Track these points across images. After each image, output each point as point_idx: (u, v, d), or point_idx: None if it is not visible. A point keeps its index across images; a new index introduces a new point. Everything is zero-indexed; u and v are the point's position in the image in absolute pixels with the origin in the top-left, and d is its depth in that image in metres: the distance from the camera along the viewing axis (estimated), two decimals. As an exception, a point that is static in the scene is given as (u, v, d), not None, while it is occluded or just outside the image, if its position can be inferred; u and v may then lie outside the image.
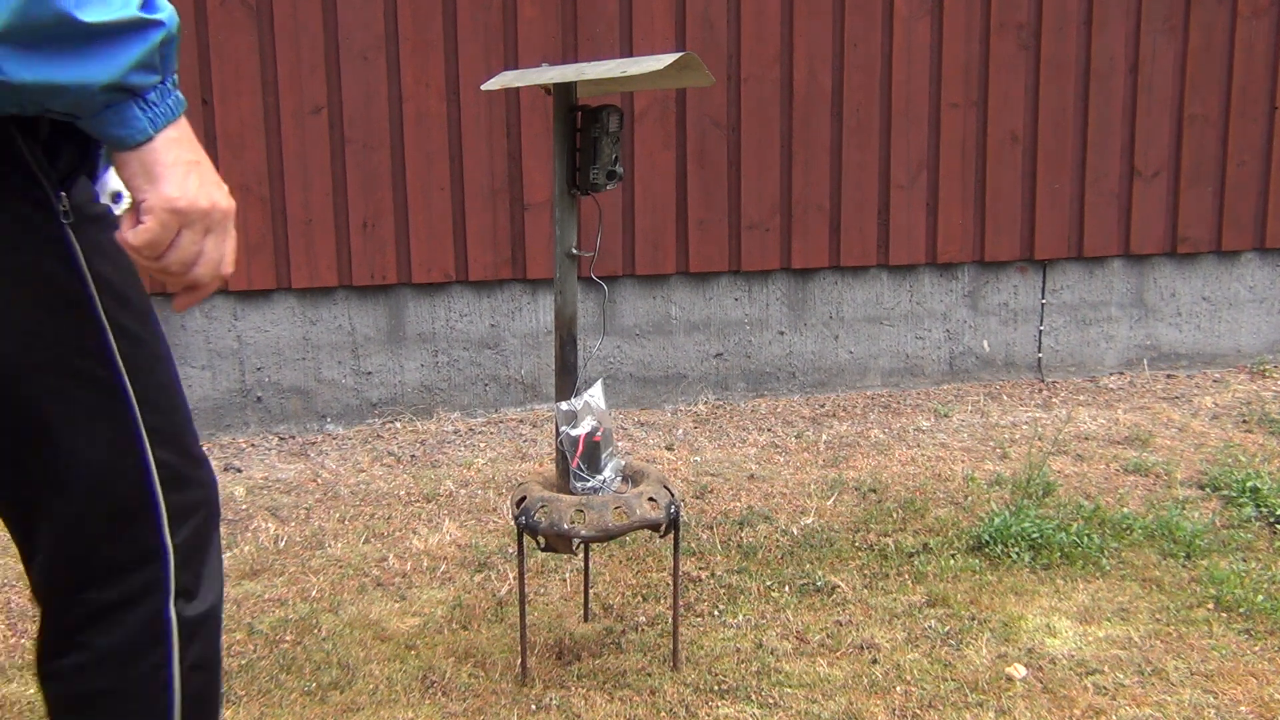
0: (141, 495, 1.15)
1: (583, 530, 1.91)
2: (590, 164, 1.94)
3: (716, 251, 3.95)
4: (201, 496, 1.21)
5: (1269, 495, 2.88)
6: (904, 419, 3.78)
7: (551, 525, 1.92)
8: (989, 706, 1.98)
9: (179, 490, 1.18)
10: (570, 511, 1.92)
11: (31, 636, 2.27)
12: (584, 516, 1.92)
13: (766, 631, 2.27)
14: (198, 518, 1.21)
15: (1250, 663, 2.12)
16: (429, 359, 3.82)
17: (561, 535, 1.92)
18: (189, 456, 1.20)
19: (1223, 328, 4.46)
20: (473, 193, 3.72)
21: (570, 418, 1.98)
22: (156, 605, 1.16)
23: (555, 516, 1.92)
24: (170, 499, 1.17)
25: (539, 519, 1.94)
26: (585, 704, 1.99)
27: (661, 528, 1.99)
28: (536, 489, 2.02)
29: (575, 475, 1.99)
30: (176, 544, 1.18)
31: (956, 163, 4.09)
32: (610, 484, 2.01)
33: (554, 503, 1.94)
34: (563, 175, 1.96)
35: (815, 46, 3.92)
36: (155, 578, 1.17)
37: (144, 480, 1.15)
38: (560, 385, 2.03)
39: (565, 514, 1.92)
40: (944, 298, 4.21)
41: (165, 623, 1.17)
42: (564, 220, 1.96)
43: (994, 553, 2.58)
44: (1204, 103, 4.26)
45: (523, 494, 2.02)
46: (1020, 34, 4.08)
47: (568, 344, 2.01)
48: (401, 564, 2.61)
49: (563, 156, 1.95)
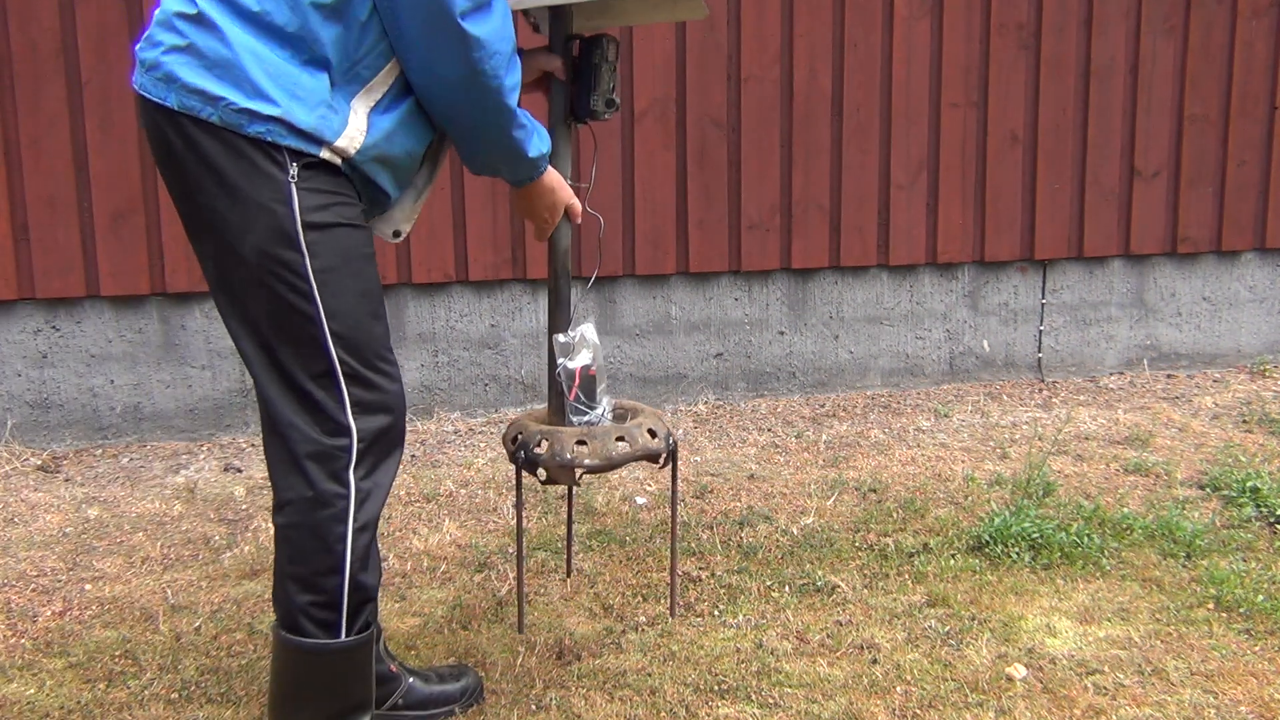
0: (327, 381, 1.58)
1: (587, 459, 1.87)
2: (590, 91, 1.94)
3: (716, 251, 3.95)
4: (381, 400, 1.63)
5: (1269, 495, 2.88)
6: (904, 419, 3.78)
7: (554, 456, 1.87)
8: (989, 706, 1.98)
9: (360, 387, 1.60)
10: (572, 442, 1.88)
11: (31, 636, 2.27)
12: (587, 446, 1.87)
13: (766, 631, 2.27)
14: (379, 417, 1.63)
15: (1250, 663, 2.12)
16: (429, 359, 3.82)
17: (565, 466, 1.87)
18: (372, 366, 1.62)
19: (1223, 328, 4.45)
20: (473, 193, 3.72)
21: (567, 350, 1.95)
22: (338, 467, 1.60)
23: (558, 447, 1.88)
24: (353, 391, 1.60)
25: (539, 451, 1.89)
26: (585, 704, 1.99)
27: (661, 458, 1.96)
28: (531, 424, 1.97)
29: (573, 408, 1.95)
30: (359, 428, 1.60)
31: (956, 163, 4.09)
32: (606, 416, 1.99)
33: (555, 434, 1.90)
34: (559, 104, 1.96)
35: (815, 46, 3.92)
36: (341, 446, 1.60)
37: (330, 370, 1.58)
38: (554, 318, 2.01)
39: (567, 444, 1.87)
40: (944, 298, 4.21)
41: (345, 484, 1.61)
42: (560, 151, 1.95)
43: (994, 553, 2.58)
44: (1204, 103, 4.26)
45: (517, 430, 1.97)
46: (1020, 34, 4.08)
47: (562, 276, 2.00)
48: (401, 564, 2.61)
49: (560, 85, 1.95)
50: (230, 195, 1.52)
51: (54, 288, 3.47)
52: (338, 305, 1.57)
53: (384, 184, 1.65)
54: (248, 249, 1.53)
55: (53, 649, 2.21)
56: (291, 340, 1.57)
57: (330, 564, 1.59)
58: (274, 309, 1.56)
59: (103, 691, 2.05)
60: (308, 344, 1.57)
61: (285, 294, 1.55)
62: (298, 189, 1.52)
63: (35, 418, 3.55)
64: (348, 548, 1.59)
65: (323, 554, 1.59)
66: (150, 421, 3.63)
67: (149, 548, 2.73)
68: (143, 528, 2.86)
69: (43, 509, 3.00)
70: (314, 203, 1.54)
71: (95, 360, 3.57)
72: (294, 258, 1.53)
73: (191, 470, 3.34)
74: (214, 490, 3.13)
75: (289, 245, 1.52)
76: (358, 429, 1.61)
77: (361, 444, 1.61)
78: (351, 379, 1.60)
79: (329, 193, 1.56)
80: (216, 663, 2.16)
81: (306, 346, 1.57)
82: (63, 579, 2.55)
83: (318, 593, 1.60)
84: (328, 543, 1.59)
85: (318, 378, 1.58)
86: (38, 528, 2.87)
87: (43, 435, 3.56)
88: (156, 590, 2.49)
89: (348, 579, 1.60)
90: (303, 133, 1.51)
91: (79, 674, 2.11)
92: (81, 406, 3.58)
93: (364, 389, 1.61)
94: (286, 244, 1.52)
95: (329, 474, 1.59)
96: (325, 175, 1.56)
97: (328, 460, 1.59)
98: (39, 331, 3.52)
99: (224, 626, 2.31)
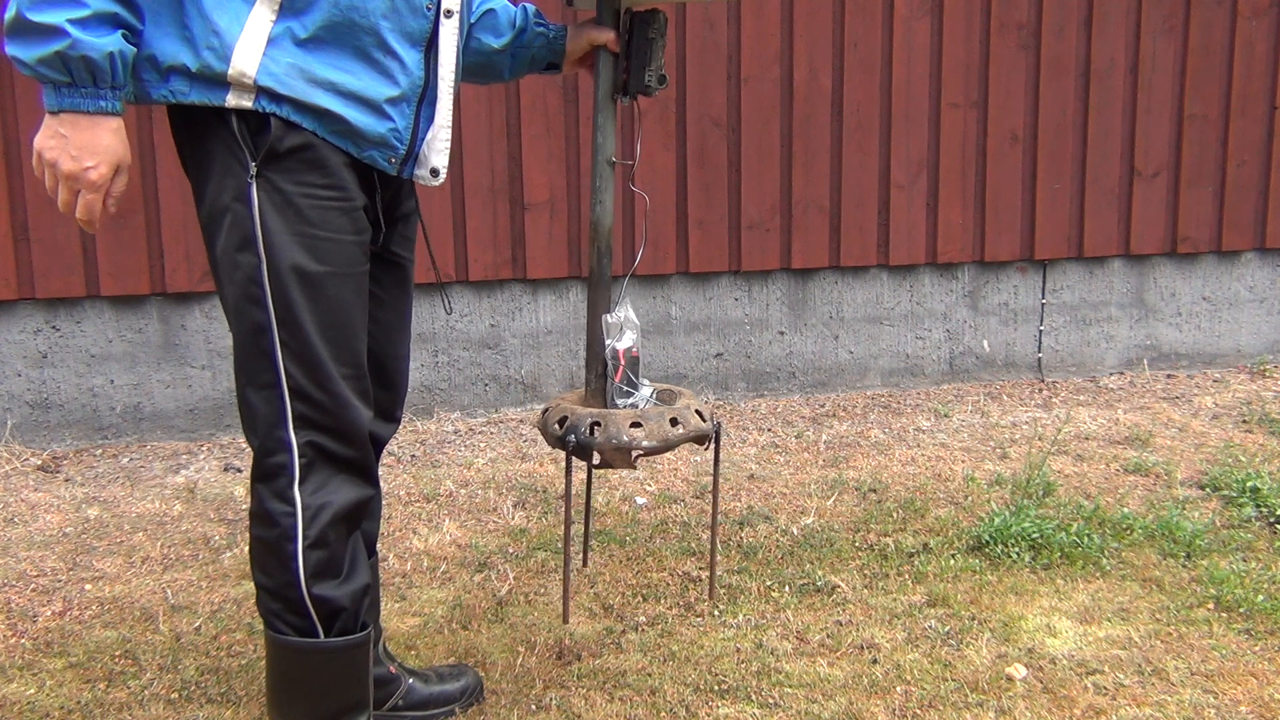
0: (269, 392, 1.53)
1: (645, 441, 1.83)
2: (645, 66, 1.89)
3: (716, 251, 3.95)
4: (318, 417, 1.55)
5: (1269, 495, 2.88)
6: (904, 419, 3.78)
7: (609, 439, 1.83)
8: (989, 706, 1.98)
9: (301, 400, 1.53)
10: (627, 425, 1.84)
11: (31, 636, 2.27)
12: (642, 429, 1.84)
13: (766, 631, 2.27)
14: (322, 436, 1.55)
15: (1250, 663, 2.12)
16: (429, 359, 3.82)
17: (621, 448, 1.83)
18: (316, 378, 1.54)
19: (1223, 328, 4.45)
20: (473, 193, 3.72)
21: (615, 330, 1.91)
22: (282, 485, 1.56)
23: (613, 430, 1.84)
24: (295, 406, 1.54)
25: (593, 435, 1.84)
26: (585, 704, 1.99)
27: (708, 440, 1.94)
28: (578, 408, 1.92)
29: (619, 390, 1.92)
30: (300, 444, 1.55)
31: (956, 163, 4.09)
32: (651, 398, 1.95)
33: (608, 417, 1.85)
34: (607, 78, 1.91)
35: (815, 46, 3.92)
36: (280, 464, 1.55)
37: (274, 377, 1.53)
38: (595, 298, 1.95)
39: (623, 427, 1.84)
40: (944, 298, 4.21)
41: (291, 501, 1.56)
42: (605, 126, 1.91)
43: (994, 553, 2.58)
44: (1204, 103, 4.26)
45: (562, 413, 1.91)
46: (1020, 34, 4.08)
47: (605, 255, 1.94)
48: (401, 564, 2.61)
49: (608, 59, 1.90)
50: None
51: (54, 288, 3.47)
52: (289, 316, 1.52)
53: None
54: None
55: (53, 649, 2.21)
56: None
57: (287, 579, 1.57)
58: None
59: (103, 691, 2.05)
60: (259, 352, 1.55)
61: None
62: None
63: (35, 418, 3.55)
64: (299, 565, 1.56)
65: (279, 569, 1.57)
66: (150, 421, 3.63)
67: (149, 548, 2.73)
68: (143, 528, 2.86)
69: (43, 509, 3.00)
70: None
71: (95, 360, 3.57)
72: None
73: (191, 470, 3.34)
74: (214, 490, 3.13)
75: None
76: (298, 444, 1.55)
77: (304, 459, 1.55)
78: (297, 395, 1.54)
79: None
80: (216, 663, 2.16)
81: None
82: (63, 579, 2.55)
83: (284, 602, 1.58)
84: (281, 559, 1.56)
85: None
86: (38, 528, 2.87)
87: (43, 435, 3.56)
88: (156, 590, 2.49)
89: (306, 594, 1.57)
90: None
91: (79, 674, 2.11)
92: (81, 406, 3.58)
93: (308, 406, 1.55)
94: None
95: (273, 493, 1.56)
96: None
97: (270, 479, 1.56)
98: (39, 331, 3.52)
99: (224, 626, 2.31)
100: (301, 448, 1.55)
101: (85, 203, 1.45)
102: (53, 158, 1.43)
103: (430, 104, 1.62)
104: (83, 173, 1.43)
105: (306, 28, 1.48)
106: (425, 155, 1.64)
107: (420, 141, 1.63)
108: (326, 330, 1.54)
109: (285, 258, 1.50)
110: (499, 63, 1.90)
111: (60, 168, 1.43)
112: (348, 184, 1.55)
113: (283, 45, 1.47)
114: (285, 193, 1.50)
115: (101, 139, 1.43)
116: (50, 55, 1.36)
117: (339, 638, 1.61)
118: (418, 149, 1.63)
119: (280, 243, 1.50)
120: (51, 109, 1.41)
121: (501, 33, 1.87)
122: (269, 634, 1.62)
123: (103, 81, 1.40)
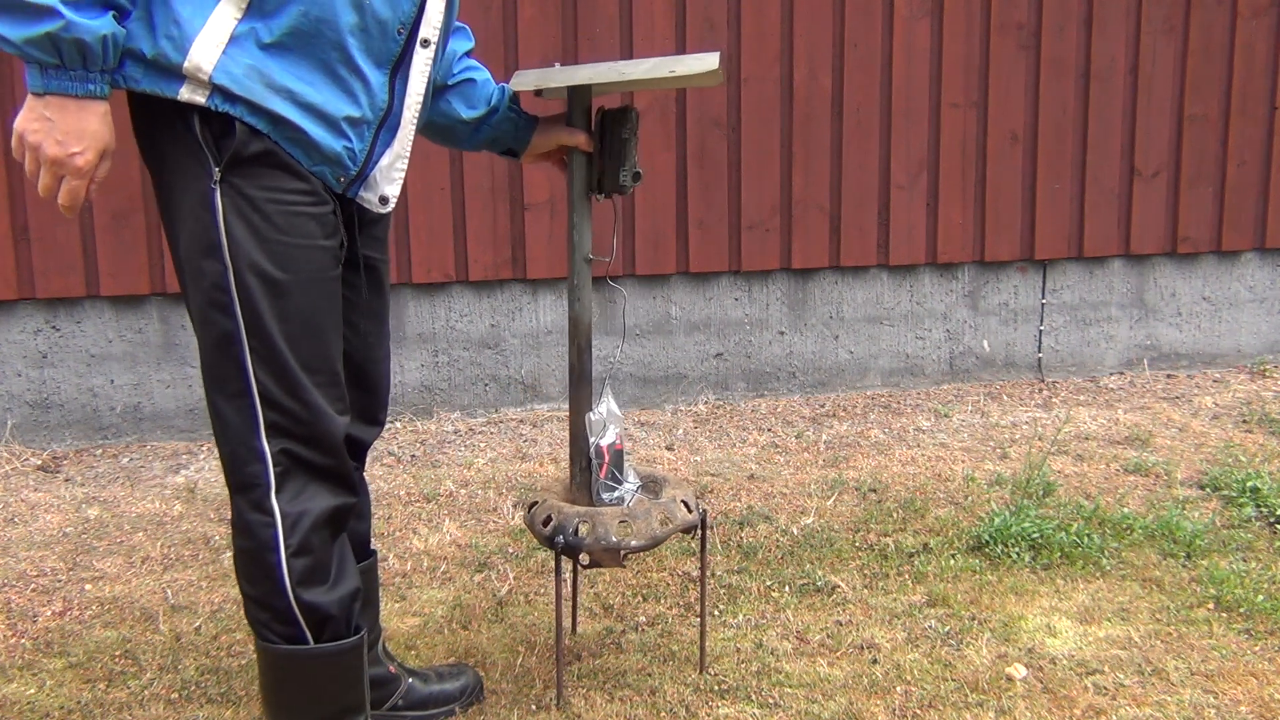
0: (240, 401, 1.51)
1: (634, 541, 1.85)
2: (619, 166, 1.88)
3: (716, 251, 3.95)
4: (291, 425, 1.52)
5: (1269, 495, 2.88)
6: (904, 419, 3.78)
7: (598, 540, 1.85)
8: (989, 706, 1.98)
9: (273, 409, 1.51)
10: (615, 524, 1.86)
11: (31, 636, 2.27)
12: (630, 527, 1.86)
13: (766, 631, 2.27)
14: (296, 444, 1.52)
15: (1250, 663, 2.12)
16: (429, 359, 3.82)
17: (610, 549, 1.85)
18: (287, 386, 1.50)
19: (1223, 328, 4.45)
20: (473, 193, 3.72)
21: (598, 428, 1.92)
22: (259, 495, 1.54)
23: (601, 530, 1.85)
24: (268, 415, 1.51)
25: (583, 535, 1.86)
26: (585, 704, 1.99)
27: (695, 529, 1.97)
28: (562, 504, 1.93)
29: (604, 485, 1.94)
30: (274, 451, 1.52)
31: (956, 163, 4.09)
32: (633, 491, 1.97)
33: (595, 516, 1.87)
34: (581, 177, 1.90)
35: (815, 46, 3.92)
36: (254, 474, 1.52)
37: (244, 386, 1.50)
38: (577, 394, 1.95)
39: (610, 527, 1.85)
40: (944, 298, 4.21)
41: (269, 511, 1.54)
42: (581, 225, 1.90)
43: (994, 553, 2.58)
44: (1204, 103, 4.26)
45: (547, 512, 1.92)
46: (1020, 34, 4.08)
47: (585, 351, 1.94)
48: (401, 564, 2.61)
49: (581, 158, 1.90)
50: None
51: (54, 288, 3.47)
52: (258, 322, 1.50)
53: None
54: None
55: (53, 649, 2.21)
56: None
57: (272, 587, 1.55)
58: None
59: (103, 691, 2.05)
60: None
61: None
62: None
63: (35, 418, 3.55)
64: (284, 573, 1.54)
65: (263, 579, 1.55)
66: (150, 421, 3.63)
67: (149, 548, 2.73)
68: (143, 528, 2.86)
69: (43, 509, 3.00)
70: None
71: (95, 360, 3.57)
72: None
73: (191, 470, 3.34)
74: (214, 490, 3.13)
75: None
76: (272, 453, 1.52)
77: (279, 468, 1.53)
78: (268, 403, 1.52)
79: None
80: (216, 663, 2.16)
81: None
82: (63, 579, 2.55)
83: (271, 611, 1.57)
84: (264, 569, 1.55)
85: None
86: (38, 528, 2.87)
87: (43, 435, 3.56)
88: (156, 590, 2.49)
89: (293, 601, 1.55)
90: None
91: (79, 674, 2.11)
92: (81, 406, 3.58)
93: (280, 414, 1.53)
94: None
95: (251, 504, 1.54)
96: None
97: (246, 489, 1.54)
98: (39, 331, 3.52)
99: (224, 626, 2.31)
100: (276, 456, 1.52)
101: (69, 189, 1.41)
102: (36, 141, 1.39)
103: (391, 129, 1.59)
104: (69, 158, 1.39)
105: (273, 32, 1.44)
106: (376, 180, 1.61)
107: (373, 165, 1.59)
108: (297, 337, 1.51)
109: (252, 265, 1.47)
110: (461, 132, 1.89)
111: (45, 152, 1.39)
112: (316, 186, 1.52)
113: (245, 46, 1.44)
114: (251, 198, 1.46)
115: (89, 124, 1.39)
116: (40, 36, 1.31)
117: (330, 643, 1.60)
118: (368, 172, 1.59)
119: (246, 250, 1.46)
120: (36, 91, 1.37)
121: (475, 105, 1.86)
122: (259, 643, 1.61)
123: (93, 65, 1.36)
